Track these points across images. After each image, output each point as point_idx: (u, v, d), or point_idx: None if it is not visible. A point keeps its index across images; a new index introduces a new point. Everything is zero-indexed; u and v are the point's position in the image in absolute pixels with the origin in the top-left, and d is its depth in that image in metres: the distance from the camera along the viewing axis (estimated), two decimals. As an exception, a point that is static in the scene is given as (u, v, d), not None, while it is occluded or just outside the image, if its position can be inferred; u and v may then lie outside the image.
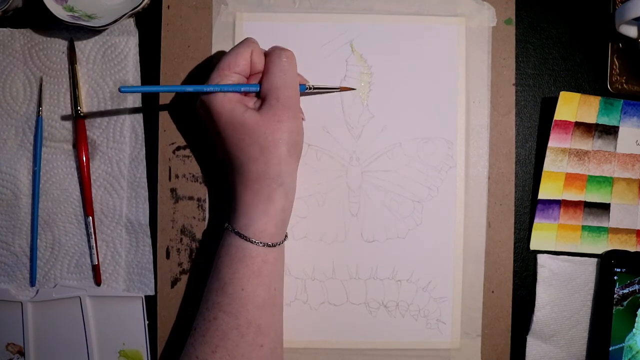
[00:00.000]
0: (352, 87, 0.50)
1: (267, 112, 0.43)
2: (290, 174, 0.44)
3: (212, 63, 0.50)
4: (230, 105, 0.43)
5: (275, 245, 0.44)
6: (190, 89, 0.44)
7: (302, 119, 0.48)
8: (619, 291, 0.50)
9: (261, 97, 0.44)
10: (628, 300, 0.50)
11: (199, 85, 0.44)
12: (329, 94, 0.50)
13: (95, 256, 0.50)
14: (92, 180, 0.51)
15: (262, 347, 0.43)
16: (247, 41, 0.45)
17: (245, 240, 0.43)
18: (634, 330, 0.50)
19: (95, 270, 0.50)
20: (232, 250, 0.43)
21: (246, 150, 0.43)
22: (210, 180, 0.51)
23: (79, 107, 0.50)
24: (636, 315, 0.50)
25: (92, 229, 0.50)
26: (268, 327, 0.44)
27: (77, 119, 0.50)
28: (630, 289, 0.50)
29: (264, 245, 0.43)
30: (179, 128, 0.51)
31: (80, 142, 0.50)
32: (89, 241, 0.51)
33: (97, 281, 0.51)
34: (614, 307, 0.50)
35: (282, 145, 0.43)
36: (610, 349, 0.50)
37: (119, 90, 0.42)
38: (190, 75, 0.51)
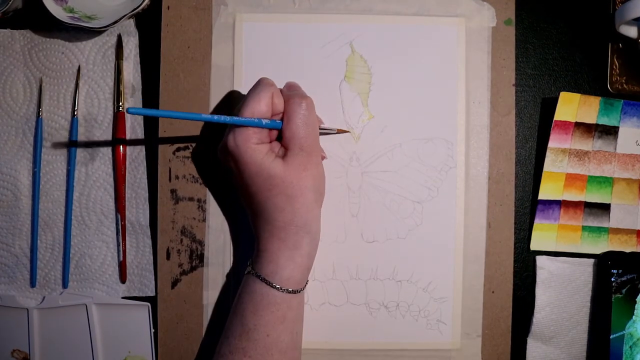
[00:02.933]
0: (346, 130, 0.50)
1: (293, 161, 0.43)
2: (316, 220, 0.45)
3: (211, 63, 0.50)
4: (260, 156, 0.43)
5: (299, 292, 0.44)
6: (207, 118, 0.43)
7: (324, 157, 0.49)
8: (617, 279, 0.49)
9: (284, 145, 0.44)
10: (627, 287, 0.50)
11: (216, 115, 0.42)
12: (328, 93, 0.50)
13: (122, 253, 0.50)
14: (92, 181, 0.51)
15: None
16: (265, 85, 0.44)
17: (271, 287, 0.43)
18: (633, 317, 0.50)
19: (121, 267, 0.51)
20: (257, 297, 0.43)
21: (273, 199, 0.43)
22: (210, 181, 0.51)
23: (120, 103, 0.50)
24: (635, 302, 0.50)
25: (120, 226, 0.50)
26: None
27: (118, 113, 0.50)
28: (629, 276, 0.50)
29: (288, 292, 0.43)
30: (179, 128, 0.51)
31: (118, 137, 0.50)
32: (117, 237, 0.51)
33: (123, 279, 0.51)
34: (613, 296, 0.49)
35: (308, 192, 0.43)
36: (611, 337, 0.50)
37: (127, 111, 0.40)
38: (190, 75, 0.50)
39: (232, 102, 0.50)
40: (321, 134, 0.48)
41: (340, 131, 0.50)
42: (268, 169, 0.42)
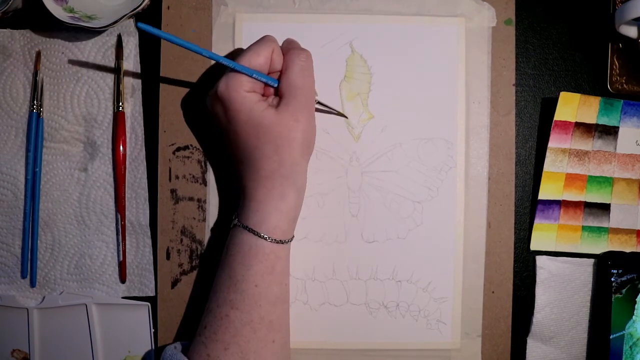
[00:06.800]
0: (345, 115, 0.50)
1: (285, 111, 0.43)
2: (302, 173, 0.44)
3: (212, 63, 0.50)
4: (250, 104, 0.43)
5: (285, 242, 0.44)
6: (216, 58, 0.43)
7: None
8: (617, 279, 0.49)
9: (279, 94, 0.44)
10: (627, 287, 0.50)
11: (225, 58, 0.43)
12: (328, 93, 0.50)
13: (122, 253, 0.50)
14: (92, 181, 0.51)
15: (273, 342, 0.43)
16: (268, 40, 0.44)
17: (259, 237, 0.43)
18: (633, 317, 0.50)
19: (121, 267, 0.51)
20: (245, 247, 0.43)
21: (261, 148, 0.43)
22: (210, 181, 0.51)
23: (120, 103, 0.50)
24: (635, 302, 0.50)
25: (120, 226, 0.50)
26: (279, 323, 0.44)
27: (118, 113, 0.50)
28: (629, 276, 0.50)
29: (276, 242, 0.43)
30: (179, 128, 0.51)
31: (118, 137, 0.50)
32: (117, 237, 0.51)
33: (122, 279, 0.51)
34: (613, 296, 0.49)
35: (296, 145, 0.43)
36: (611, 337, 0.50)
37: (136, 26, 0.41)
38: (190, 75, 0.50)
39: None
40: (320, 110, 0.49)
41: (339, 114, 0.50)
42: (258, 117, 0.42)
